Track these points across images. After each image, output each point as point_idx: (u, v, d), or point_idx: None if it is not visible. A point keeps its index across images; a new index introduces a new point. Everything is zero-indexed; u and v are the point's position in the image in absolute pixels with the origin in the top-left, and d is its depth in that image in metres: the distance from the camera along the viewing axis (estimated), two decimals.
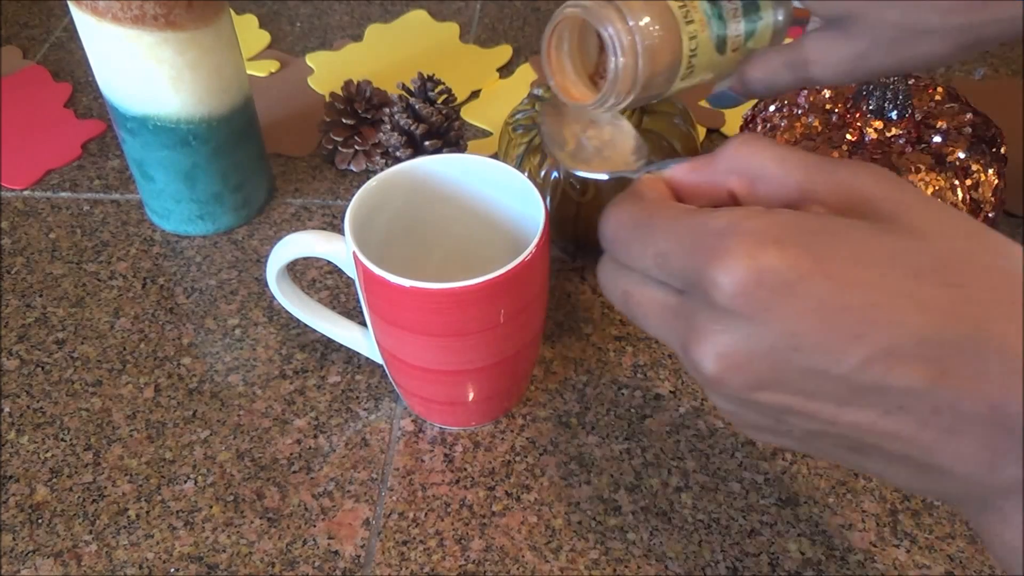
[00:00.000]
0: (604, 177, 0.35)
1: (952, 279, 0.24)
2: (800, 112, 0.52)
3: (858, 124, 0.50)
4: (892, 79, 0.49)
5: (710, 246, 0.25)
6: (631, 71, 0.34)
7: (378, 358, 0.46)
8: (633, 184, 0.30)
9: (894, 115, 0.50)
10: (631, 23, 0.33)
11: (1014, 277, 0.25)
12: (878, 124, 0.50)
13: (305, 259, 0.56)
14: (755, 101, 0.56)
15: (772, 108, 0.53)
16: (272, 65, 0.72)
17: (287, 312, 0.51)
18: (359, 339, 0.47)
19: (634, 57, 0.33)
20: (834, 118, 0.51)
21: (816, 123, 0.51)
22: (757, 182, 0.28)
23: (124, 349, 0.51)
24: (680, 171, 0.30)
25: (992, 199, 0.49)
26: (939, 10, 0.32)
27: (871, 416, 0.25)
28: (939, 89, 0.53)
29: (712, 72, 0.36)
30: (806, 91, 0.53)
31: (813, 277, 0.24)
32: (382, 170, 0.46)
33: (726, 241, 0.25)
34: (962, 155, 0.49)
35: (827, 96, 0.52)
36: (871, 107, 0.50)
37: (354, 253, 0.40)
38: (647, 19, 0.33)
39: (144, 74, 0.50)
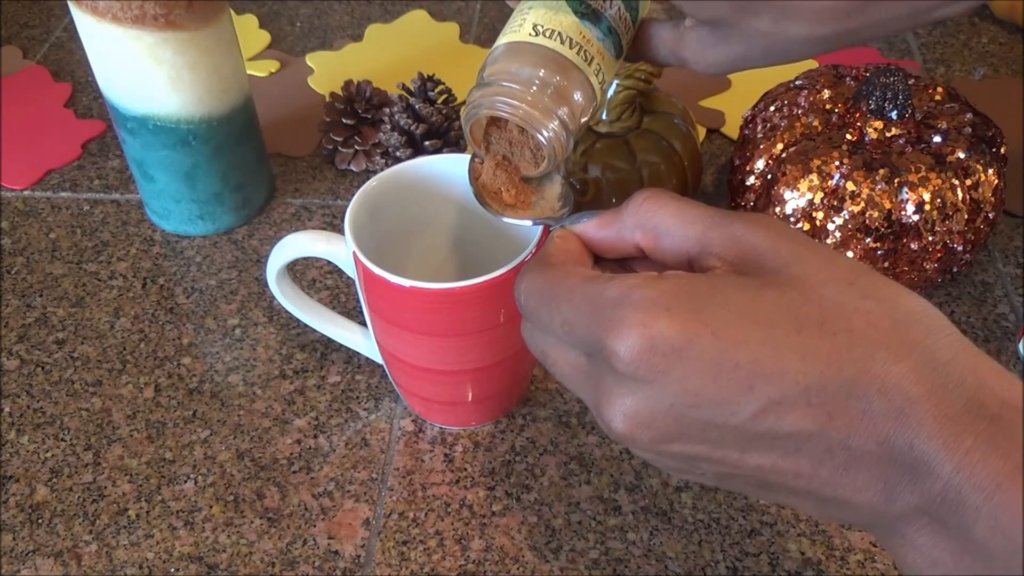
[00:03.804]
0: (529, 223, 0.38)
1: (833, 328, 0.26)
2: (800, 112, 0.52)
3: (858, 124, 0.50)
4: (892, 79, 0.49)
5: (606, 316, 0.27)
6: (561, 139, 0.34)
7: (378, 358, 0.46)
8: (545, 245, 0.33)
9: (894, 115, 0.50)
10: (543, 98, 0.34)
11: (895, 320, 0.27)
12: (878, 124, 0.50)
13: (305, 259, 0.56)
14: (753, 102, 0.56)
15: (772, 108, 0.53)
16: (272, 65, 0.72)
17: (287, 312, 0.51)
18: (359, 339, 0.47)
19: (560, 128, 0.34)
20: (834, 118, 0.51)
21: (816, 123, 0.51)
22: (660, 237, 0.31)
23: (124, 349, 0.51)
24: (590, 227, 0.33)
25: (992, 199, 0.49)
26: (808, 20, 0.32)
27: (771, 459, 0.27)
28: (939, 89, 0.53)
29: (616, 69, 0.38)
30: (806, 91, 0.53)
31: (703, 339, 0.26)
32: (382, 170, 0.46)
33: (620, 311, 0.27)
34: (962, 155, 0.49)
35: (827, 96, 0.52)
36: (871, 107, 0.50)
37: (354, 253, 0.40)
38: (554, 82, 0.34)
39: (144, 74, 0.50)
